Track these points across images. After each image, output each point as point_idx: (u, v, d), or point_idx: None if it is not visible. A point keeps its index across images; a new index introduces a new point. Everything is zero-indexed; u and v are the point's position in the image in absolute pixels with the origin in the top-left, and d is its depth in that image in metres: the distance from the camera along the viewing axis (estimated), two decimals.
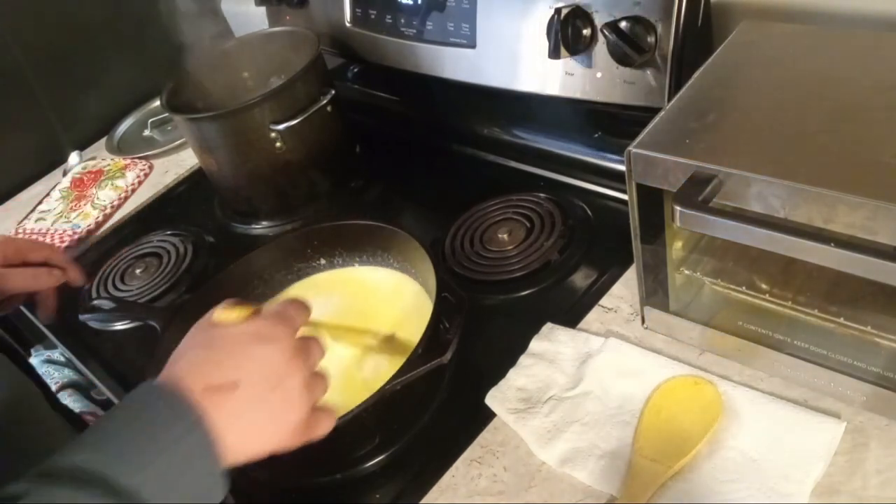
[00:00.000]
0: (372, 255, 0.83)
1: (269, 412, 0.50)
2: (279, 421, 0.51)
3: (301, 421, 0.51)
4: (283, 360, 0.51)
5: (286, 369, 0.51)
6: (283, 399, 0.50)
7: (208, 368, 0.49)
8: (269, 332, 0.52)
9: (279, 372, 0.50)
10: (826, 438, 0.56)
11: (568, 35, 0.78)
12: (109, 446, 0.44)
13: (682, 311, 0.66)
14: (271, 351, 0.51)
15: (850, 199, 0.46)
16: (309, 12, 1.11)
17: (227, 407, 0.48)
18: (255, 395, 0.49)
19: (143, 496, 0.42)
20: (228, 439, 0.47)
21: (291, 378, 0.51)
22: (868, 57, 0.58)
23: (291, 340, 0.52)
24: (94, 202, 1.19)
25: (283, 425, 0.51)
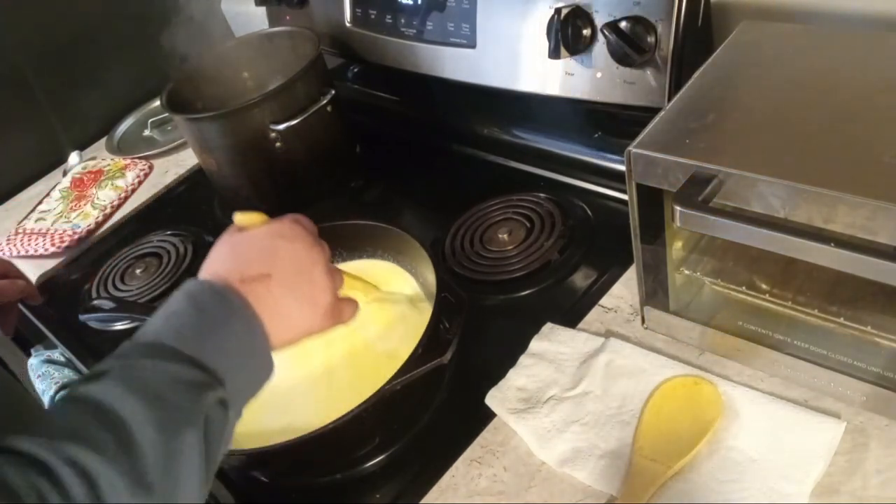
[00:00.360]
0: (372, 256, 0.83)
1: (302, 296, 0.56)
2: (311, 304, 0.56)
3: (330, 304, 0.57)
4: (305, 251, 0.57)
5: (310, 259, 0.57)
6: (312, 284, 0.56)
7: (242, 265, 0.54)
8: (288, 229, 0.58)
9: (304, 261, 0.56)
10: (826, 438, 0.56)
11: (568, 35, 0.78)
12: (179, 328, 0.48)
13: (682, 311, 0.66)
14: (294, 244, 0.57)
15: (850, 199, 0.46)
16: (309, 12, 1.11)
17: (263, 295, 0.52)
18: (287, 282, 0.54)
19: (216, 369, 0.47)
20: (270, 325, 0.52)
21: (315, 266, 0.57)
22: (868, 57, 0.58)
23: (308, 236, 0.58)
24: (94, 202, 1.19)
25: (315, 308, 0.56)
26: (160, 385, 0.44)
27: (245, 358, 0.51)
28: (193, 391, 0.45)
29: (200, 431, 0.44)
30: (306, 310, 0.56)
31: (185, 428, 0.43)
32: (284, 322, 0.54)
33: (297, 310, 0.55)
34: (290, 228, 0.58)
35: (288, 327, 0.55)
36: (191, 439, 0.43)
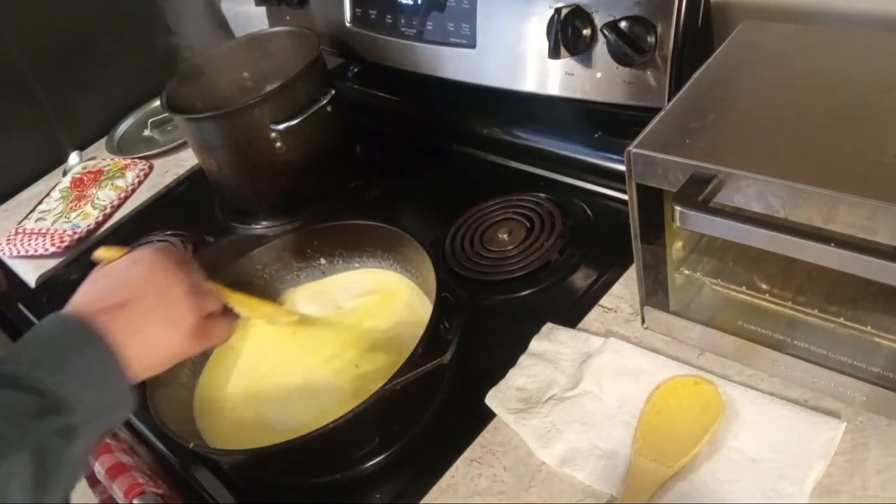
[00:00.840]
0: (372, 255, 0.83)
1: (163, 319, 0.56)
2: (174, 325, 0.57)
3: (195, 325, 0.58)
4: (165, 273, 0.57)
5: (169, 280, 0.57)
6: (173, 305, 0.57)
7: (101, 295, 0.55)
8: (149, 255, 0.59)
9: (163, 282, 0.57)
10: (826, 438, 0.56)
11: (568, 35, 0.78)
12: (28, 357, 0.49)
13: (682, 311, 0.66)
14: (153, 268, 0.58)
15: (850, 199, 0.46)
16: (309, 12, 1.11)
17: (122, 321, 0.53)
18: (146, 306, 0.55)
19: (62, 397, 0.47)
20: (131, 350, 0.52)
21: (176, 286, 0.57)
22: (868, 57, 0.58)
23: (171, 258, 0.59)
24: (94, 202, 1.19)
25: (178, 329, 0.57)
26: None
27: (99, 386, 0.50)
28: (25, 419, 0.45)
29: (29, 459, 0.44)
30: (169, 332, 0.56)
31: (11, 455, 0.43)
32: (148, 346, 0.55)
33: (160, 333, 0.56)
34: (150, 255, 0.59)
35: (152, 351, 0.55)
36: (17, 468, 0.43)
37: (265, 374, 0.75)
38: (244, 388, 0.75)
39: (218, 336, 0.61)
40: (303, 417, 0.68)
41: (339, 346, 0.75)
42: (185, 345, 0.58)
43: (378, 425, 0.67)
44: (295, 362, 0.76)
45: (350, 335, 0.76)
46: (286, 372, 0.75)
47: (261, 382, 0.75)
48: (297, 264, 0.84)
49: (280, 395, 0.73)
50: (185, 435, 0.66)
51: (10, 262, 1.14)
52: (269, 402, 0.73)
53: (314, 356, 0.75)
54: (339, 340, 0.76)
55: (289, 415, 0.71)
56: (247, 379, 0.75)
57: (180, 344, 0.57)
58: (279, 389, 0.73)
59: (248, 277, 0.83)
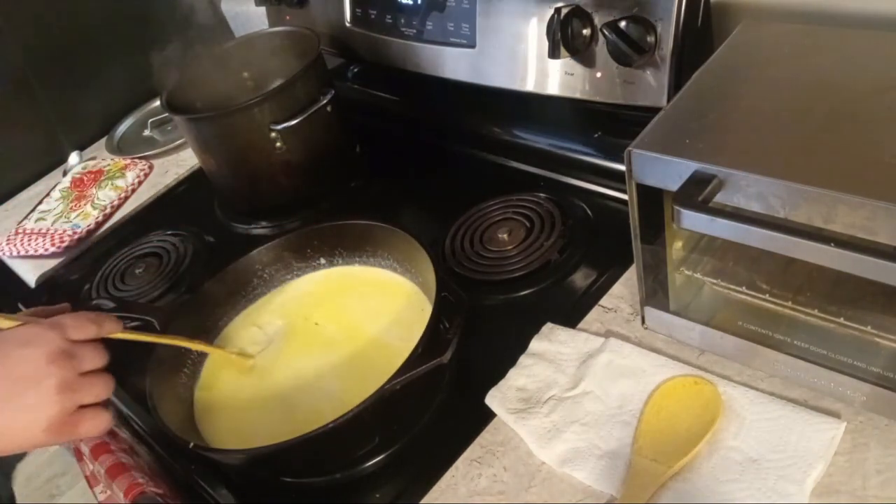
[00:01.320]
0: (372, 255, 0.83)
1: (21, 408, 0.54)
2: (31, 418, 0.54)
3: (58, 419, 0.55)
4: (40, 363, 0.54)
5: (42, 371, 0.54)
6: (38, 396, 0.54)
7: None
8: (33, 336, 0.56)
9: (33, 373, 0.54)
10: (826, 438, 0.56)
11: (568, 35, 0.78)
12: None
13: (682, 311, 0.66)
14: (30, 353, 0.54)
15: (850, 199, 0.46)
16: (309, 12, 1.11)
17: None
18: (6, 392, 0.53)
19: None
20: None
21: (48, 379, 0.54)
22: (868, 57, 0.58)
23: (56, 344, 0.55)
24: (94, 202, 1.19)
25: (35, 422, 0.54)
26: None
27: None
28: None
29: None
30: (25, 421, 0.54)
31: None
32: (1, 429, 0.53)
33: (16, 418, 0.54)
34: (36, 335, 0.56)
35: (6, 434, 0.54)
36: None
37: (265, 373, 0.75)
38: (244, 389, 0.75)
39: (85, 430, 0.57)
40: (302, 417, 0.68)
41: (339, 346, 0.75)
42: (43, 437, 0.55)
43: (378, 425, 0.67)
44: (294, 362, 0.76)
45: (350, 335, 0.76)
46: (286, 372, 0.75)
47: (260, 382, 0.75)
48: (297, 264, 0.84)
49: (279, 394, 0.73)
50: (185, 435, 0.66)
51: (10, 262, 1.14)
52: (269, 402, 0.73)
53: (313, 356, 0.75)
54: (338, 340, 0.76)
55: (288, 415, 0.71)
56: (247, 379, 0.75)
57: (38, 436, 0.55)
58: (279, 389, 0.73)
59: (248, 277, 0.83)
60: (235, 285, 0.82)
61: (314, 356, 0.75)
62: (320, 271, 0.85)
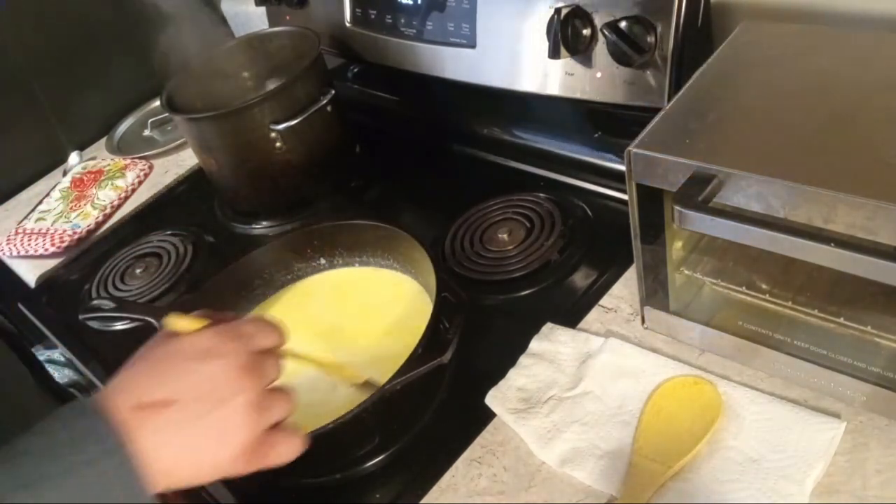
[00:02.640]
0: (372, 255, 0.83)
1: (207, 433, 0.46)
2: (220, 443, 0.47)
3: (249, 444, 0.48)
4: (228, 378, 0.47)
5: (232, 387, 0.47)
6: (226, 419, 0.47)
7: (145, 383, 0.47)
8: (218, 347, 0.48)
9: (222, 389, 0.47)
10: (826, 438, 0.56)
11: (568, 35, 0.78)
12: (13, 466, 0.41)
13: (682, 311, 0.66)
14: (216, 367, 0.47)
15: (850, 199, 0.46)
16: (309, 12, 1.11)
17: (157, 425, 0.45)
18: (192, 413, 0.46)
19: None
20: (159, 461, 0.44)
21: (237, 397, 0.47)
22: (868, 57, 0.58)
23: (242, 357, 0.48)
24: (94, 202, 1.19)
25: (225, 448, 0.47)
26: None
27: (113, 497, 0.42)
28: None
29: None
30: (213, 447, 0.47)
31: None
32: (183, 460, 0.46)
33: (202, 447, 0.46)
34: (221, 345, 0.48)
35: (187, 467, 0.46)
36: None
37: None
38: None
39: (278, 458, 0.50)
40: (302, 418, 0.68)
41: (339, 346, 0.75)
42: (231, 464, 0.47)
43: (378, 425, 0.67)
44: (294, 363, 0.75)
45: (350, 335, 0.76)
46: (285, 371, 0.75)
47: None
48: (297, 264, 0.84)
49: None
50: None
51: (10, 262, 1.14)
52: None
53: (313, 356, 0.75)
54: (338, 341, 0.76)
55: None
56: None
57: (226, 463, 0.47)
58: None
59: (248, 277, 0.83)
60: (235, 285, 0.82)
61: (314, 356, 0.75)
62: (320, 271, 0.85)
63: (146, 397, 0.45)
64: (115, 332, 0.93)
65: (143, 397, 0.45)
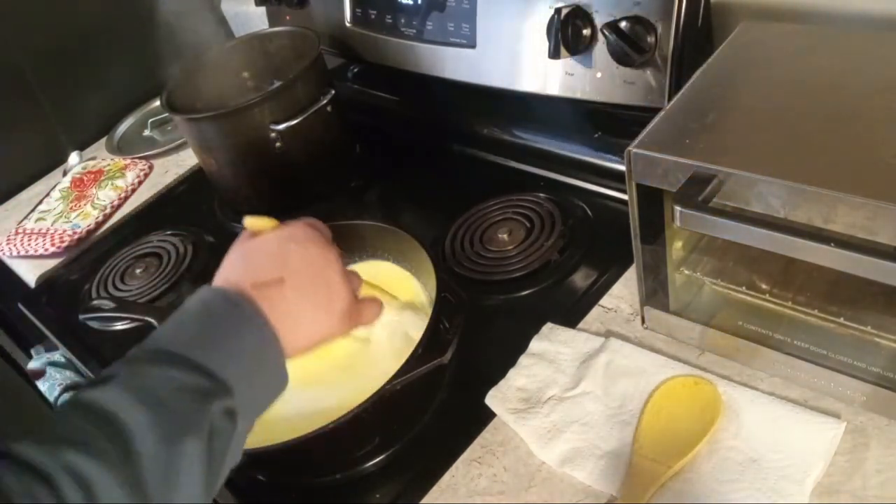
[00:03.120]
0: (372, 255, 0.83)
1: (317, 300, 0.54)
2: (328, 307, 0.54)
3: (348, 307, 0.55)
4: (319, 254, 0.55)
5: (324, 261, 0.55)
6: (328, 286, 0.54)
7: (254, 271, 0.53)
8: (301, 232, 0.56)
9: (318, 264, 0.54)
10: (826, 438, 0.56)
11: (568, 35, 0.78)
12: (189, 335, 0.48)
13: (682, 311, 0.66)
14: (306, 247, 0.55)
15: (850, 199, 0.46)
16: (309, 12, 1.11)
17: (277, 300, 0.51)
18: (301, 285, 0.53)
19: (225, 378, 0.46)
20: (283, 330, 0.50)
21: (330, 267, 0.55)
22: (868, 57, 0.58)
23: (321, 238, 0.56)
24: (94, 202, 1.19)
25: (332, 311, 0.55)
26: (165, 393, 0.43)
27: (257, 367, 0.49)
28: (199, 400, 0.44)
29: (204, 441, 0.43)
30: (322, 314, 0.54)
31: (188, 437, 0.42)
32: (300, 327, 0.52)
33: (312, 314, 0.54)
34: (303, 231, 0.56)
35: (305, 332, 0.53)
36: (193, 449, 0.42)
37: None
38: None
39: (369, 317, 0.59)
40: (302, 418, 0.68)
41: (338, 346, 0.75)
42: (337, 327, 0.55)
43: (378, 425, 0.67)
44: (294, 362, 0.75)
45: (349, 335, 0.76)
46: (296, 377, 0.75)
47: None
48: None
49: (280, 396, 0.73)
50: None
51: (10, 262, 1.14)
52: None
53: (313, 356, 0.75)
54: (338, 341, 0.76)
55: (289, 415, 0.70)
56: None
57: (332, 326, 0.55)
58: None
59: None
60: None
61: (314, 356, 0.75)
62: None
63: (259, 279, 0.52)
64: (115, 332, 0.93)
65: (257, 279, 0.51)
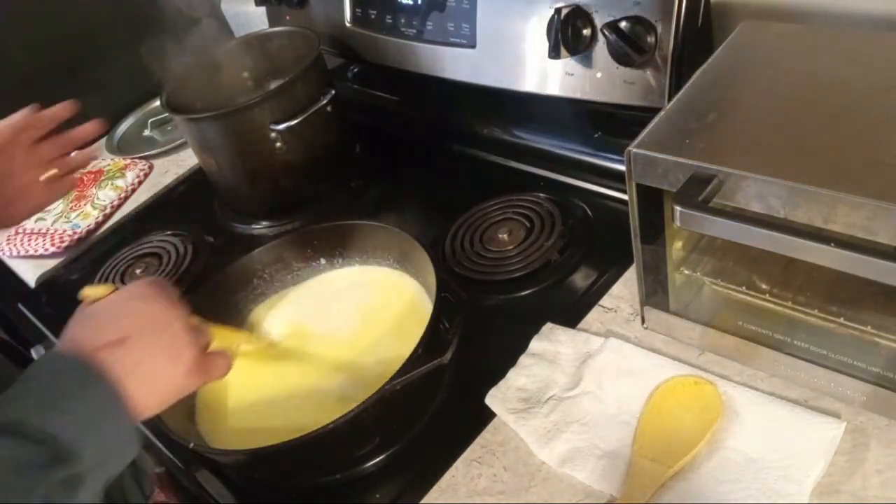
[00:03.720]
0: (372, 255, 0.83)
1: (163, 355, 0.55)
2: (174, 362, 0.55)
3: (195, 361, 0.56)
4: (161, 309, 0.56)
5: (167, 317, 0.56)
6: (173, 341, 0.55)
7: (97, 332, 0.53)
8: (143, 290, 0.57)
9: (161, 320, 0.55)
10: (826, 438, 0.56)
11: (568, 35, 0.78)
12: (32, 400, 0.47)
13: (682, 311, 0.66)
14: (149, 304, 0.56)
15: (850, 199, 0.46)
16: (309, 12, 1.11)
17: (123, 359, 0.51)
18: (146, 342, 0.54)
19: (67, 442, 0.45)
20: (131, 388, 0.51)
21: (174, 323, 0.56)
22: (868, 57, 0.58)
23: (168, 296, 0.57)
24: (94, 202, 1.19)
25: (178, 366, 0.55)
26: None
27: (103, 430, 0.49)
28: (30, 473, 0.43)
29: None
30: (169, 369, 0.55)
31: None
32: (149, 383, 0.53)
33: (161, 369, 0.54)
34: (146, 290, 0.57)
35: (154, 388, 0.54)
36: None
37: (266, 375, 0.75)
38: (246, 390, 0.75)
39: (217, 370, 0.60)
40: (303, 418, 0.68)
41: (339, 346, 0.75)
42: (187, 380, 0.56)
43: (378, 425, 0.67)
44: (295, 363, 0.76)
45: (350, 335, 0.76)
46: (286, 372, 0.75)
47: (261, 382, 0.75)
48: (297, 264, 0.84)
49: (280, 395, 0.73)
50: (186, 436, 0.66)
51: (10, 262, 1.14)
52: (270, 402, 0.73)
53: (314, 357, 0.75)
54: (338, 341, 0.76)
55: (290, 415, 0.71)
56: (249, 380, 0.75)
57: (182, 380, 0.56)
58: (279, 389, 0.73)
59: (248, 277, 0.83)
60: (235, 285, 0.82)
61: (314, 357, 0.75)
62: (320, 271, 0.85)
63: (101, 340, 0.52)
64: None
65: (100, 340, 0.52)
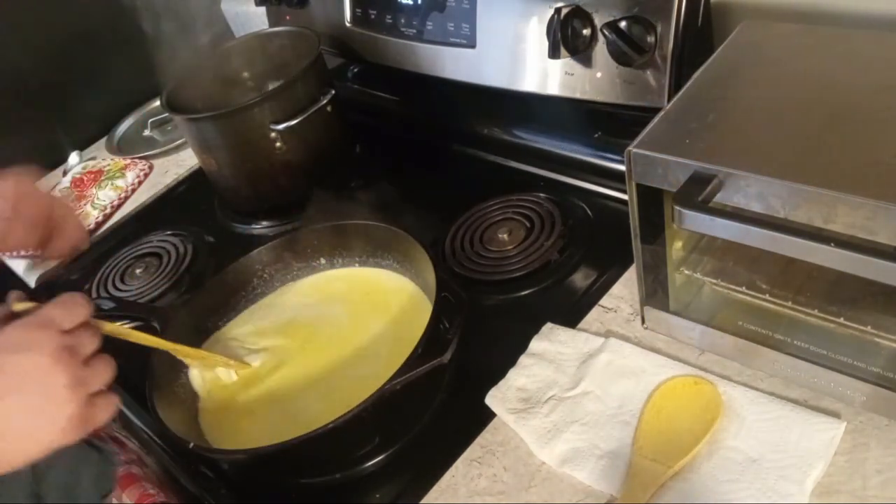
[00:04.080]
0: (372, 255, 0.83)
1: (36, 414, 0.52)
2: (49, 423, 0.52)
3: (73, 415, 0.53)
4: (40, 366, 0.52)
5: (48, 372, 0.52)
6: (50, 399, 0.52)
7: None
8: (25, 340, 0.53)
9: (33, 375, 0.52)
10: (826, 438, 0.56)
11: (568, 35, 0.78)
12: None
13: (682, 311, 0.66)
14: (27, 359, 0.52)
15: (850, 199, 0.46)
16: (309, 12, 1.11)
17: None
18: (17, 402, 0.51)
19: None
20: None
21: (56, 378, 0.52)
22: (868, 57, 0.58)
23: (53, 342, 0.53)
24: (94, 202, 1.19)
25: (53, 425, 0.52)
26: None
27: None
28: None
29: None
30: (43, 425, 0.52)
31: None
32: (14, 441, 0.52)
33: (33, 428, 0.52)
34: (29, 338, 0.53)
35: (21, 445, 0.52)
36: None
37: (266, 374, 0.75)
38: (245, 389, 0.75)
39: (100, 418, 0.56)
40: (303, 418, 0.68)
41: (339, 346, 0.75)
42: (62, 436, 0.53)
43: (378, 425, 0.67)
44: (295, 362, 0.76)
45: (350, 335, 0.76)
46: (286, 372, 0.75)
47: (261, 382, 0.75)
48: (297, 264, 0.84)
49: (280, 395, 0.73)
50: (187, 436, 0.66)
51: (10, 262, 1.14)
52: (270, 402, 0.73)
53: (314, 357, 0.75)
54: (338, 341, 0.76)
55: (289, 415, 0.71)
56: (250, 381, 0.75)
57: (57, 435, 0.53)
58: (279, 389, 0.73)
59: (248, 277, 0.83)
60: (235, 285, 0.82)
61: (314, 356, 0.75)
62: (320, 271, 0.85)
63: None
64: None
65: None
